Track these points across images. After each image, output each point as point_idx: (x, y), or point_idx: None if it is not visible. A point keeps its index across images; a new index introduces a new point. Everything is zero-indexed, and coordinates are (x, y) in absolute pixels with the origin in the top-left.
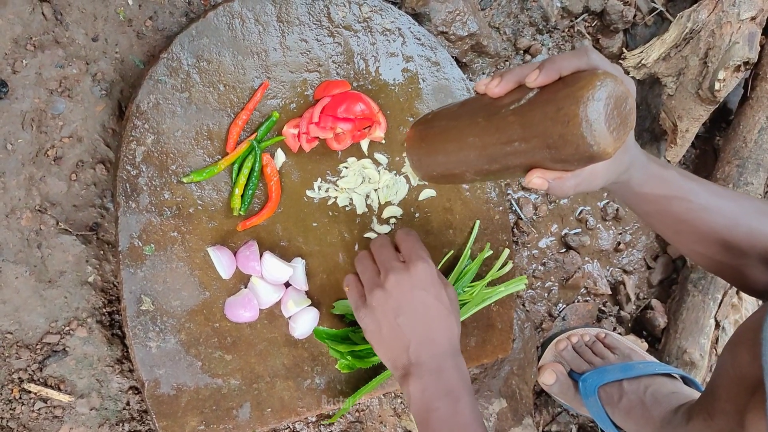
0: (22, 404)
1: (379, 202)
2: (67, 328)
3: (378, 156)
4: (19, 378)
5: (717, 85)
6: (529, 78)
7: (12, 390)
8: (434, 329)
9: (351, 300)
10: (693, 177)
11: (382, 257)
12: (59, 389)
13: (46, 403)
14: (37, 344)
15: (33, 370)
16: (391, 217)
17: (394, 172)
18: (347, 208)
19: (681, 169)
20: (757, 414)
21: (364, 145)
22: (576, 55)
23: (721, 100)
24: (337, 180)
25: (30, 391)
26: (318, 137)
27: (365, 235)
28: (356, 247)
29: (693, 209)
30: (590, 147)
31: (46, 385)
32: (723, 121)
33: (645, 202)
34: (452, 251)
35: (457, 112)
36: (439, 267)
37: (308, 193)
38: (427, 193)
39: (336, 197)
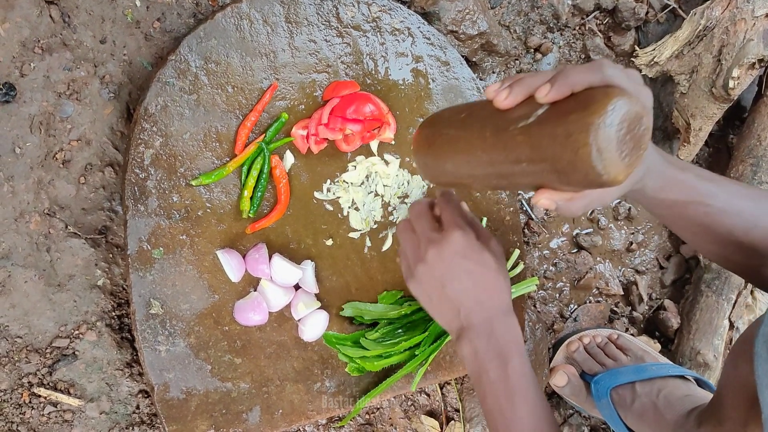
0: (32, 408)
1: (391, 197)
2: (77, 332)
3: (388, 157)
4: (29, 382)
5: (731, 83)
6: (539, 93)
7: (22, 394)
8: (481, 293)
9: (402, 270)
10: (712, 178)
11: (419, 228)
12: (69, 393)
13: (55, 407)
14: (46, 348)
15: (43, 374)
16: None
17: (407, 170)
18: (356, 209)
19: (700, 170)
20: (757, 426)
21: (374, 146)
22: (590, 70)
23: (735, 98)
24: (343, 175)
25: (40, 395)
26: (327, 138)
27: (379, 236)
28: (365, 249)
29: (710, 213)
30: (600, 176)
31: (55, 389)
32: (737, 119)
33: (661, 207)
34: None
35: (466, 120)
36: None
37: (317, 195)
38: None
39: (346, 200)
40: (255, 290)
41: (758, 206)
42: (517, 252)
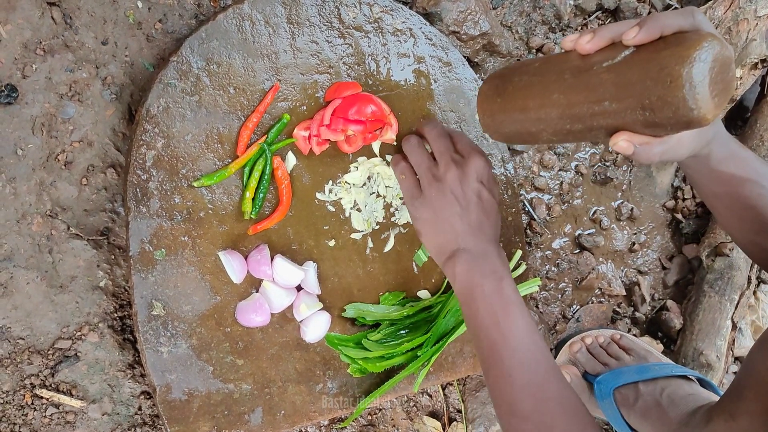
0: (35, 410)
1: (393, 198)
2: (79, 333)
3: (390, 158)
4: (31, 383)
5: (733, 83)
6: (627, 35)
7: (24, 395)
8: (485, 220)
9: (404, 188)
10: (764, 162)
11: (440, 147)
12: (71, 394)
13: (58, 408)
14: (48, 350)
15: (45, 376)
16: (407, 222)
17: None
18: (358, 210)
19: (756, 154)
20: None
21: (376, 147)
22: (682, 15)
23: (737, 98)
24: (345, 176)
25: (42, 397)
26: (329, 139)
27: (381, 237)
28: (368, 250)
29: (764, 195)
30: (691, 111)
31: (58, 390)
32: (739, 119)
33: (718, 182)
34: None
35: (541, 67)
36: None
37: (319, 196)
38: None
39: (348, 201)
40: (257, 291)
41: None
42: (519, 253)
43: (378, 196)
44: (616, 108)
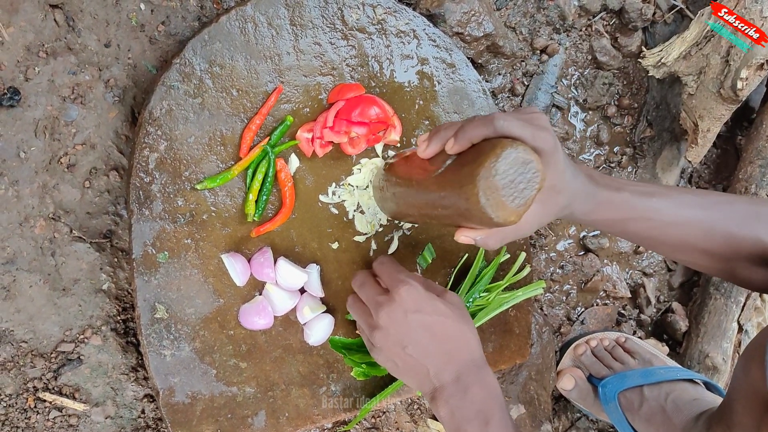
0: (37, 413)
1: None
2: (82, 337)
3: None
4: (34, 387)
5: (739, 84)
6: (447, 146)
7: (27, 399)
8: (445, 344)
9: (365, 342)
10: (655, 192)
11: (365, 296)
12: (74, 398)
13: (61, 411)
14: (51, 353)
15: (48, 379)
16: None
17: None
18: (361, 212)
19: (641, 186)
20: None
21: (379, 148)
22: (483, 124)
23: (743, 99)
24: (348, 178)
25: (45, 400)
26: (332, 142)
27: (385, 239)
28: (371, 252)
29: (655, 227)
30: (492, 219)
31: (60, 393)
32: (745, 120)
33: (597, 225)
34: (467, 254)
35: (402, 168)
36: (454, 271)
37: (322, 198)
38: None
39: (352, 203)
40: (260, 294)
41: (713, 213)
42: (523, 255)
43: None
44: (446, 213)
